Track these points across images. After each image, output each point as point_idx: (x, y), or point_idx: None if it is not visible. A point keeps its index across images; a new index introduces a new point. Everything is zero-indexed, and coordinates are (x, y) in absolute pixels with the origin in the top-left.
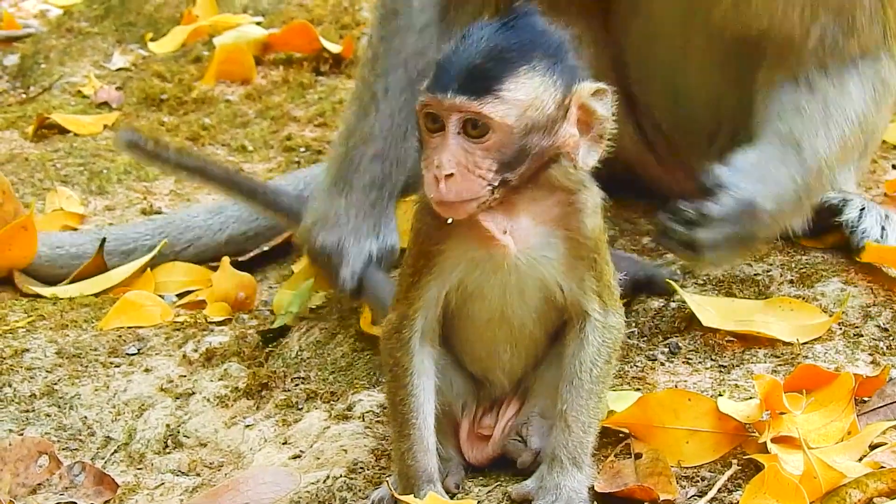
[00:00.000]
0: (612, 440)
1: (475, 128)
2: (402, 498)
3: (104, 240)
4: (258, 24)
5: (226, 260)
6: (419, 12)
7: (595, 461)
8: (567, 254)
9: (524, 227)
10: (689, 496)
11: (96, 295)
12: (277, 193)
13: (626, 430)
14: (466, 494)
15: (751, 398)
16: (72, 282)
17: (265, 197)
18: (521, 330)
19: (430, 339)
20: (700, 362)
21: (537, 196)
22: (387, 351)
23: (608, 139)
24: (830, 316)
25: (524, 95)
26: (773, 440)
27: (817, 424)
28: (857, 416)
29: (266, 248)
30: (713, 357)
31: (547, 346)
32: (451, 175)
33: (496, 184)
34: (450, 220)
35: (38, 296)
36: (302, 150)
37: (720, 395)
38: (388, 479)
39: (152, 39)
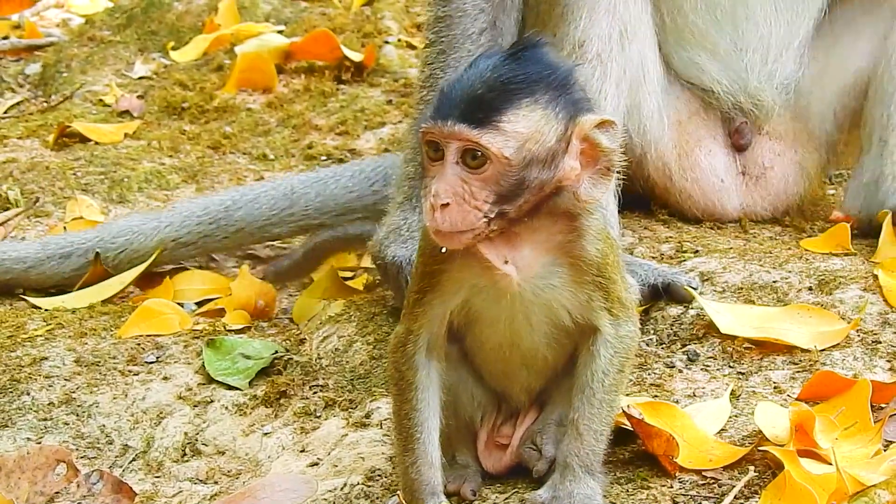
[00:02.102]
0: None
1: (474, 158)
2: None
3: (98, 254)
4: (280, 32)
5: (245, 268)
6: (472, 20)
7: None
8: (571, 280)
9: (526, 255)
10: (704, 502)
11: (104, 302)
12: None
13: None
14: (483, 502)
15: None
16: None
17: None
18: (534, 354)
19: (436, 355)
20: (718, 369)
21: (538, 225)
22: (393, 365)
23: (617, 171)
24: (849, 323)
25: (524, 128)
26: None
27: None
28: (876, 422)
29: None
30: (731, 364)
31: (564, 362)
32: (447, 205)
33: (492, 216)
34: (444, 250)
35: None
36: (323, 158)
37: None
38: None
39: (174, 48)
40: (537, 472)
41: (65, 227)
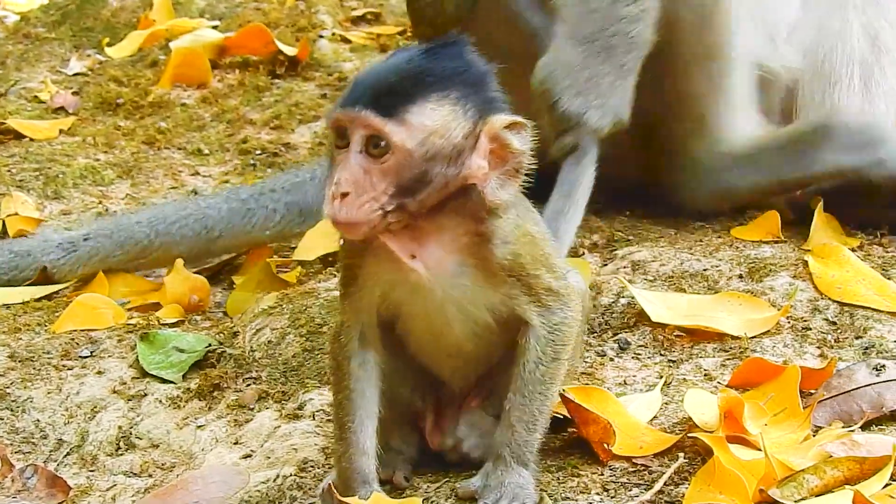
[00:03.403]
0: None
1: (376, 147)
2: (346, 499)
3: (45, 267)
4: (214, 27)
5: (179, 262)
6: None
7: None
8: (483, 279)
9: (434, 253)
10: (634, 489)
11: (49, 298)
12: None
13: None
14: (415, 490)
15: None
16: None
17: None
18: (458, 347)
19: (371, 345)
20: (649, 357)
21: (445, 223)
22: (331, 355)
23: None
24: (779, 310)
25: (430, 121)
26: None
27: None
28: (805, 408)
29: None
30: (662, 352)
31: (503, 351)
32: (347, 194)
33: (390, 208)
34: (340, 241)
35: None
36: (258, 152)
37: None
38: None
39: (109, 44)
40: (449, 460)
41: (3, 223)
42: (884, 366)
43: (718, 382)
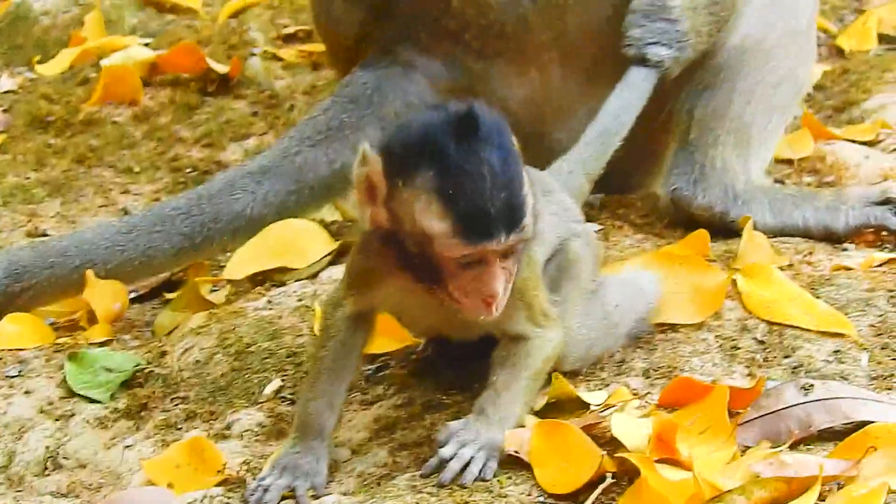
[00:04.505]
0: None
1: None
2: None
3: None
4: (146, 45)
5: (89, 272)
6: None
7: None
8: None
9: None
10: None
11: None
12: None
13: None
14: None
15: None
16: None
17: None
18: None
19: (366, 323)
20: (581, 376)
21: None
22: (323, 314)
23: None
24: (709, 330)
25: (529, 210)
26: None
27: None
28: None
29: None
30: (593, 370)
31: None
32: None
33: None
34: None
35: None
36: (188, 170)
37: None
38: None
39: (40, 62)
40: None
41: None
42: (812, 385)
43: (646, 402)
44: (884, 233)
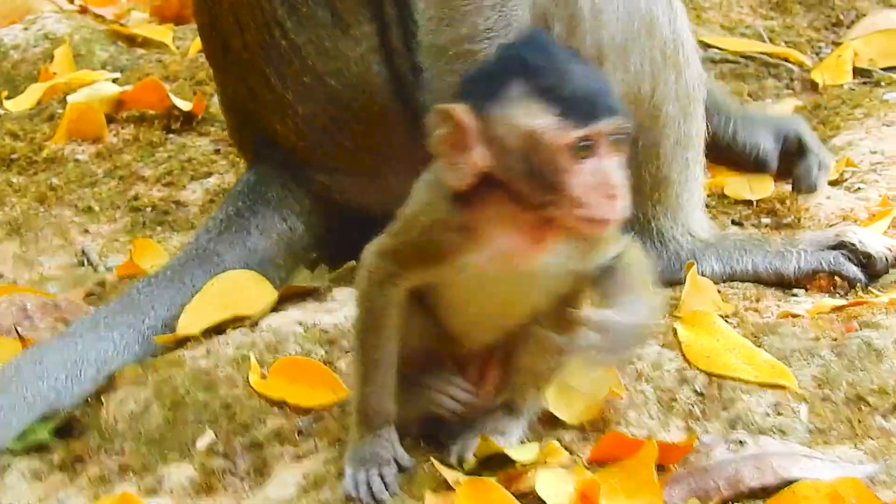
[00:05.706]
0: None
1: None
2: None
3: None
4: (115, 80)
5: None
6: None
7: None
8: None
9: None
10: None
11: None
12: None
13: None
14: None
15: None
16: None
17: None
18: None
19: (412, 296)
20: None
21: None
22: (366, 297)
23: None
24: (646, 381)
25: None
26: None
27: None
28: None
29: None
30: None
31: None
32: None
33: None
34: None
35: None
36: (148, 210)
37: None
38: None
39: (8, 97)
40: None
41: None
42: (743, 441)
43: (577, 456)
44: (837, 278)
